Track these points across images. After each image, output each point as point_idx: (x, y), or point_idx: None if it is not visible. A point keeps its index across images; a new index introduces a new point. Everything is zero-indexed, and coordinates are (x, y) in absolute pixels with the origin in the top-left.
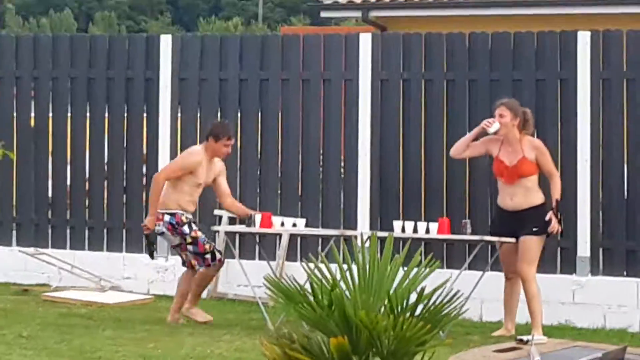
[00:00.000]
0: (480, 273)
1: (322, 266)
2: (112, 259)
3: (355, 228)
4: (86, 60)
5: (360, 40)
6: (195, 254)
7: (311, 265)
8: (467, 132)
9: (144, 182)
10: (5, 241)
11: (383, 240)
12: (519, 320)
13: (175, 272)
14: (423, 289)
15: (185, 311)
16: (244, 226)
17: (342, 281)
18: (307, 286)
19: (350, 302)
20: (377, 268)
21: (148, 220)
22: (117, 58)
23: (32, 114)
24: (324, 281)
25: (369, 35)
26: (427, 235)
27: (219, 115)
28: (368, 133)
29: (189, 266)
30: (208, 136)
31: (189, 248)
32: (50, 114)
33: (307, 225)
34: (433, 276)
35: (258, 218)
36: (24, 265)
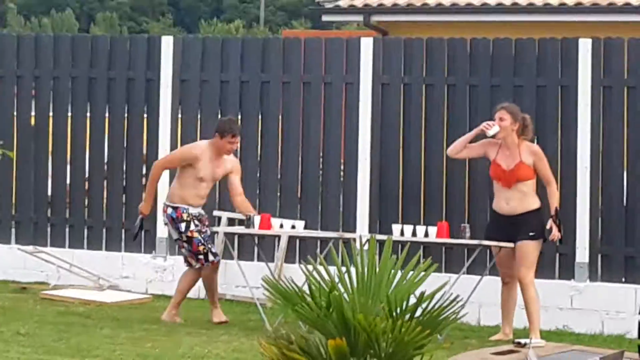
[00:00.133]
0: (478, 277)
1: (321, 268)
2: (111, 258)
3: (354, 231)
4: (87, 60)
5: (361, 44)
6: (189, 252)
7: (309, 267)
8: None
9: (144, 183)
10: (4, 239)
11: (382, 243)
12: (516, 324)
13: (173, 272)
14: (423, 293)
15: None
16: (243, 227)
17: (341, 283)
18: (306, 288)
19: (348, 305)
20: (375, 271)
21: (141, 205)
22: (118, 58)
23: (33, 113)
24: (322, 283)
25: (371, 40)
26: (426, 239)
27: (219, 117)
28: (368, 137)
29: (187, 263)
30: (215, 132)
31: (184, 245)
32: (51, 114)
33: (306, 227)
34: (432, 280)
35: (257, 219)
36: (23, 263)
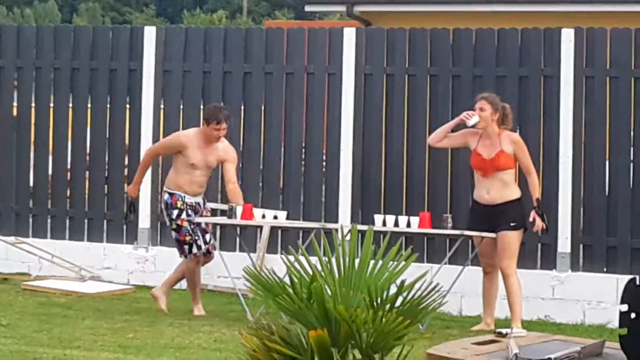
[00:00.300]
0: (460, 267)
1: (302, 259)
2: (93, 249)
3: (336, 221)
4: (70, 51)
5: (344, 35)
6: (176, 241)
7: (291, 258)
8: None
9: (126, 173)
10: None
11: (364, 233)
12: (498, 315)
13: (155, 263)
14: (403, 282)
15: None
16: (225, 218)
17: (322, 274)
18: (287, 279)
19: (329, 296)
20: (354, 262)
21: (129, 187)
22: (101, 49)
23: (15, 104)
24: (303, 274)
25: (353, 30)
26: (408, 229)
27: (202, 107)
28: (351, 127)
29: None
30: (203, 119)
31: (172, 233)
32: (33, 104)
33: (289, 218)
34: (414, 271)
35: (239, 210)
36: (5, 254)
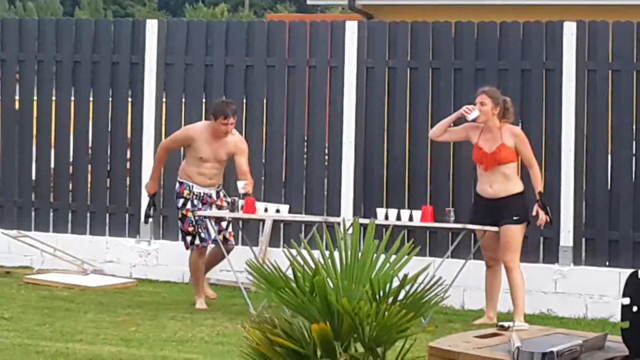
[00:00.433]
0: (462, 261)
1: (305, 252)
2: (95, 243)
3: (338, 215)
4: (72, 44)
5: (346, 28)
6: (180, 231)
7: (293, 251)
8: None
9: (128, 166)
10: None
11: (366, 227)
12: (500, 308)
13: (157, 257)
14: (405, 275)
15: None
16: (227, 211)
17: (324, 268)
18: (290, 272)
19: (332, 289)
20: (356, 255)
21: (146, 184)
22: (103, 42)
23: (17, 97)
24: (305, 267)
25: (355, 23)
26: (410, 223)
27: (204, 100)
28: (353, 120)
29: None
30: (211, 114)
31: (178, 222)
32: (35, 97)
33: (291, 211)
34: (416, 264)
35: (241, 203)
36: (7, 248)
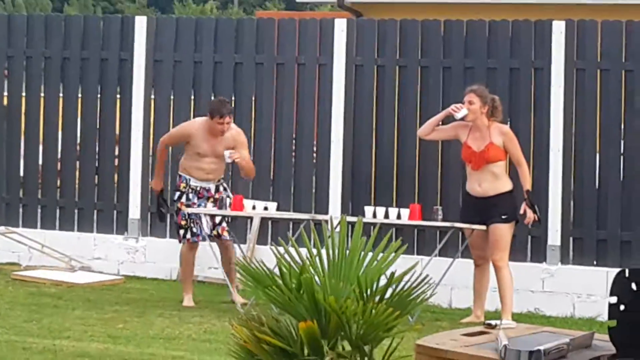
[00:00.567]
0: (450, 260)
1: (292, 250)
2: (83, 239)
3: (326, 213)
4: (61, 40)
5: (335, 25)
6: (175, 223)
7: (281, 249)
8: None
9: (116, 163)
10: None
11: (354, 225)
12: (488, 307)
13: (145, 254)
14: (393, 274)
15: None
16: (215, 208)
17: (312, 265)
18: (277, 270)
19: (319, 287)
20: (344, 253)
21: (152, 182)
22: (92, 38)
23: (5, 93)
24: (293, 265)
25: (344, 21)
26: (398, 221)
27: (193, 97)
28: (341, 118)
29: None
30: (208, 113)
31: (173, 215)
32: (24, 93)
33: (279, 209)
34: (404, 263)
35: (229, 201)
36: None
